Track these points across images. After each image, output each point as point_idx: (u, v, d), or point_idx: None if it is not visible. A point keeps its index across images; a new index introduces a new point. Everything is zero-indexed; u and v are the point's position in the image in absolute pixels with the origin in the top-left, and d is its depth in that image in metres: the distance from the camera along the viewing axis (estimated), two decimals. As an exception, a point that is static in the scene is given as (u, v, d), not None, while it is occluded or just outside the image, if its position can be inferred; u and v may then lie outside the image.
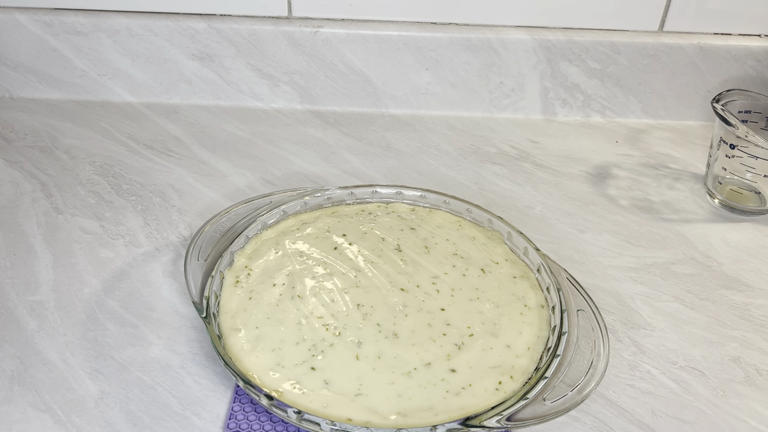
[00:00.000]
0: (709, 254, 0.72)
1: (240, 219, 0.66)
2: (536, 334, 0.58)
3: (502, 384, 0.54)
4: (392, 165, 0.82)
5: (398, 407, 0.52)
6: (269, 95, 0.90)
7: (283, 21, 0.86)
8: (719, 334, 0.63)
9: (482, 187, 0.79)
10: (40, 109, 0.88)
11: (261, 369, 0.54)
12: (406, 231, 0.68)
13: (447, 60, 0.88)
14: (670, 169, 0.84)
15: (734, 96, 0.77)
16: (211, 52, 0.87)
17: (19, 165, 0.79)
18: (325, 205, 0.70)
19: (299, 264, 0.63)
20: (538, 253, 0.64)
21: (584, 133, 0.90)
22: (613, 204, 0.78)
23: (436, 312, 0.59)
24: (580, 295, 0.60)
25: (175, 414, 0.54)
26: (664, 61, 0.88)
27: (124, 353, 0.59)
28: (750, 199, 0.77)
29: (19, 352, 0.58)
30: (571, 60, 0.88)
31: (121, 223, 0.72)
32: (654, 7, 0.86)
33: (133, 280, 0.65)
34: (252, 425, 0.53)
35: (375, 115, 0.91)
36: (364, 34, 0.86)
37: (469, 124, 0.90)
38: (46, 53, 0.87)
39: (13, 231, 0.70)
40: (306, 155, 0.83)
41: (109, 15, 0.85)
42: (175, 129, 0.86)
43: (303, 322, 0.58)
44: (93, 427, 0.53)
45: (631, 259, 0.70)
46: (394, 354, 0.55)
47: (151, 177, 0.78)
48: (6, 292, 0.63)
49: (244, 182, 0.78)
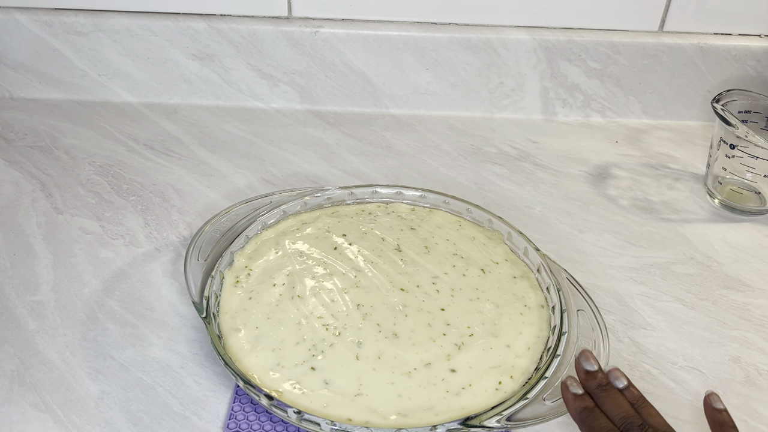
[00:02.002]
0: (709, 254, 0.72)
1: (240, 219, 0.66)
2: (536, 334, 0.58)
3: (502, 384, 0.54)
4: (392, 165, 0.82)
5: (398, 407, 0.52)
6: (269, 95, 0.90)
7: (283, 21, 0.86)
8: (719, 334, 0.63)
9: (482, 187, 0.79)
10: (40, 109, 0.88)
11: (261, 369, 0.54)
12: (406, 231, 0.68)
13: (447, 60, 0.88)
14: (670, 169, 0.84)
15: (734, 96, 0.77)
16: (211, 52, 0.87)
17: (19, 165, 0.79)
18: (325, 205, 0.70)
19: (299, 264, 0.63)
20: (538, 253, 0.64)
21: (584, 133, 0.90)
22: (613, 204, 0.78)
23: (436, 312, 0.59)
24: (580, 295, 0.60)
25: (175, 414, 0.54)
26: (664, 61, 0.88)
27: (124, 353, 0.59)
28: (750, 199, 0.77)
29: (19, 352, 0.58)
30: (571, 60, 0.88)
31: (121, 223, 0.72)
32: (654, 7, 0.86)
33: (133, 280, 0.65)
34: (252, 425, 0.53)
35: (375, 115, 0.91)
36: (364, 34, 0.86)
37: (469, 124, 0.90)
38: (46, 53, 0.87)
39: (13, 231, 0.70)
40: (306, 155, 0.83)
41: (109, 15, 0.85)
42: (175, 129, 0.86)
43: (303, 322, 0.58)
44: (93, 427, 0.53)
45: (631, 259, 0.70)
46: (394, 354, 0.55)
47: (151, 177, 0.78)
48: (6, 292, 0.63)
49: (244, 182, 0.78)
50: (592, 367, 0.50)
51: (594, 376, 0.49)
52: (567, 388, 0.49)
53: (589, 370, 0.50)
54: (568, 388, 0.49)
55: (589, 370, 0.50)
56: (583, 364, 0.50)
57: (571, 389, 0.49)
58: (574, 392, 0.49)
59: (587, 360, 0.50)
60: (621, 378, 0.49)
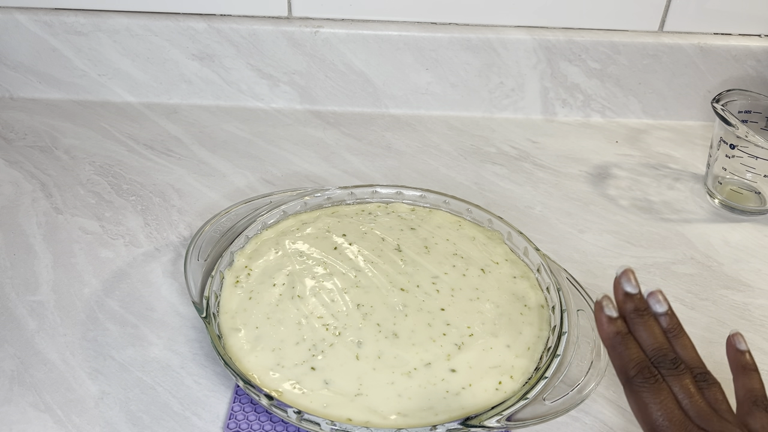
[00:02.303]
0: (709, 254, 0.72)
1: (240, 219, 0.66)
2: (536, 334, 0.58)
3: (502, 384, 0.54)
4: (392, 165, 0.82)
5: (398, 407, 0.52)
6: (269, 95, 0.90)
7: (283, 21, 0.86)
8: (719, 334, 0.63)
9: (482, 187, 0.79)
10: (40, 109, 0.88)
11: (261, 369, 0.54)
12: (406, 231, 0.68)
13: (447, 60, 0.88)
14: (670, 169, 0.84)
15: (734, 96, 0.77)
16: (211, 52, 0.87)
17: (19, 165, 0.79)
18: (325, 205, 0.70)
19: (299, 264, 0.63)
20: (538, 253, 0.64)
21: (584, 133, 0.90)
22: (613, 204, 0.78)
23: (436, 312, 0.59)
24: (580, 295, 0.60)
25: (175, 414, 0.54)
26: (664, 61, 0.88)
27: (124, 353, 0.59)
28: (750, 199, 0.77)
29: (19, 352, 0.58)
30: (571, 60, 0.88)
31: (121, 223, 0.72)
32: (654, 7, 0.86)
33: (133, 280, 0.65)
34: (252, 425, 0.53)
35: (375, 115, 0.91)
36: (364, 34, 0.86)
37: (469, 124, 0.90)
38: (46, 53, 0.87)
39: (13, 231, 0.70)
40: (306, 155, 0.83)
41: (109, 15, 0.85)
42: (175, 129, 0.86)
43: (303, 322, 0.58)
44: (93, 427, 0.53)
45: (631, 259, 0.70)
46: (394, 354, 0.55)
47: (151, 177, 0.78)
48: (6, 292, 0.63)
49: (244, 182, 0.78)
50: (633, 289, 0.46)
51: (632, 298, 0.46)
52: (601, 309, 0.45)
53: (629, 292, 0.46)
54: (603, 309, 0.45)
55: (629, 292, 0.46)
56: (624, 284, 0.46)
57: (606, 311, 0.45)
58: (608, 314, 0.45)
59: (629, 281, 0.46)
60: (662, 302, 0.46)
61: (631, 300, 0.46)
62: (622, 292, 0.46)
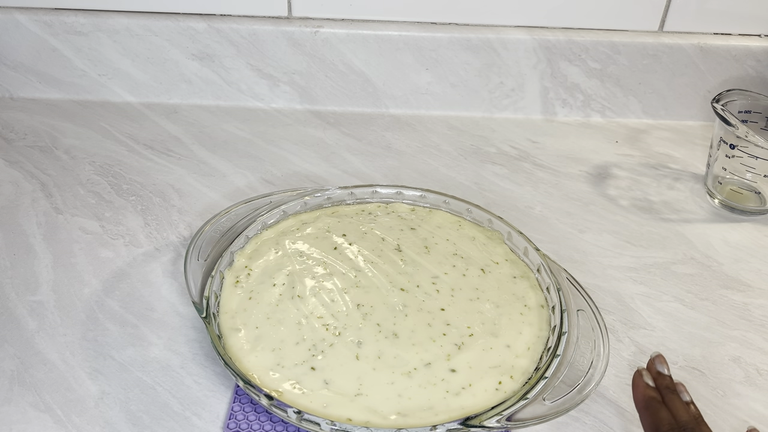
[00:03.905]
0: (709, 254, 0.72)
1: (240, 219, 0.66)
2: (536, 334, 0.58)
3: (502, 384, 0.54)
4: (392, 165, 0.82)
5: (398, 407, 0.52)
6: (269, 95, 0.90)
7: (283, 21, 0.86)
8: (719, 334, 0.63)
9: (482, 187, 0.79)
10: (40, 109, 0.88)
11: (261, 369, 0.54)
12: (406, 231, 0.68)
13: (447, 60, 0.88)
14: (670, 169, 0.84)
15: (734, 96, 0.77)
16: (211, 52, 0.87)
17: (19, 165, 0.79)
18: (325, 205, 0.70)
19: (299, 264, 0.63)
20: (538, 253, 0.64)
21: (584, 133, 0.90)
22: (613, 204, 0.78)
23: (436, 312, 0.59)
24: (580, 295, 0.60)
25: (175, 414, 0.54)
26: (664, 61, 0.88)
27: (124, 353, 0.59)
28: (750, 199, 0.77)
29: (19, 352, 0.58)
30: (571, 60, 0.88)
31: (121, 223, 0.72)
32: (654, 7, 0.86)
33: (133, 280, 0.65)
34: (252, 425, 0.53)
35: (375, 115, 0.91)
36: (364, 34, 0.86)
37: (469, 124, 0.90)
38: (46, 53, 0.87)
39: (13, 231, 0.70)
40: (306, 155, 0.83)
41: (109, 15, 0.85)
42: (175, 129, 0.86)
43: (303, 322, 0.58)
44: (93, 427, 0.53)
45: (631, 259, 0.70)
46: (394, 354, 0.55)
47: (151, 177, 0.78)
48: (6, 292, 0.63)
49: (244, 182, 0.78)
50: (664, 371, 0.52)
51: (664, 377, 0.51)
52: (641, 376, 0.51)
53: (661, 373, 0.52)
54: (642, 375, 0.51)
55: (662, 372, 0.52)
56: (658, 366, 0.52)
57: (645, 378, 0.51)
58: (647, 381, 0.50)
59: (662, 364, 0.52)
60: (684, 393, 0.50)
61: (664, 378, 0.51)
62: (655, 371, 0.52)
